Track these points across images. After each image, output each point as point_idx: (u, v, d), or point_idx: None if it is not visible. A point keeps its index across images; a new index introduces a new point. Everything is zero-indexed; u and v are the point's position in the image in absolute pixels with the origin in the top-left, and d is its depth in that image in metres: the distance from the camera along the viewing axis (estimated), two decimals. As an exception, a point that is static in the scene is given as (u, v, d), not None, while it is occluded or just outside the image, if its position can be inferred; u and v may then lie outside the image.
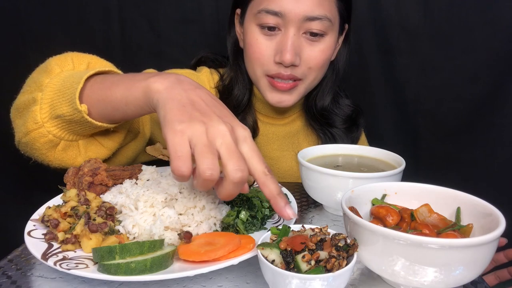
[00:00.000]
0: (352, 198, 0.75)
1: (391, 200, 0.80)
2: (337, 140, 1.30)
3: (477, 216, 0.71)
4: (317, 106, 1.29)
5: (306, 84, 1.19)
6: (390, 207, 0.75)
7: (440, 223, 0.73)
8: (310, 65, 1.15)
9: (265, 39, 1.13)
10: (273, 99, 1.18)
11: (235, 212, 0.85)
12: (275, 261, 0.64)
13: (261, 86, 1.19)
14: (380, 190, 0.81)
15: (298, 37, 1.11)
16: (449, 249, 0.59)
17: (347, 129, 1.32)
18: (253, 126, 1.29)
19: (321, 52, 1.14)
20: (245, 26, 1.18)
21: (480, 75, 1.54)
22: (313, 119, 1.31)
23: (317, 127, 1.31)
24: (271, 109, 1.30)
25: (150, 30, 1.59)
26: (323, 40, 1.14)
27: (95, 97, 0.83)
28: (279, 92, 1.17)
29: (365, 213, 0.77)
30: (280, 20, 1.09)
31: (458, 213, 0.74)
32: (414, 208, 0.76)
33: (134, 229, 0.80)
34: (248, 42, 1.16)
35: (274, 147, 1.33)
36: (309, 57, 1.13)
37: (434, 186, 0.79)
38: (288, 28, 1.09)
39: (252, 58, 1.16)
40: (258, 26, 1.13)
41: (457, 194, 0.75)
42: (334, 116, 1.31)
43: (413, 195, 0.79)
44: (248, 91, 1.27)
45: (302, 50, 1.12)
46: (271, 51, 1.13)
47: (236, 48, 1.28)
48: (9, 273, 0.75)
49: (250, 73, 1.22)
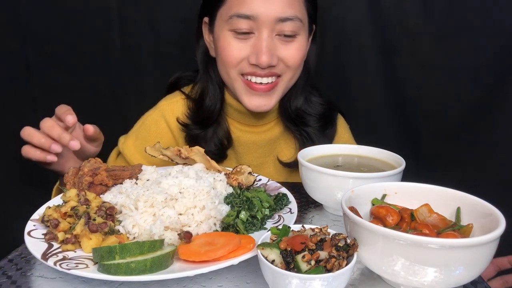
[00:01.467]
0: (352, 198, 0.75)
1: (391, 200, 0.80)
2: (313, 139, 1.30)
3: (477, 216, 0.71)
4: (291, 107, 1.29)
5: (285, 82, 1.19)
6: (390, 207, 0.75)
7: (440, 223, 0.73)
8: (289, 64, 1.15)
9: (238, 42, 1.13)
10: (251, 104, 1.17)
11: (235, 212, 0.85)
12: (275, 261, 0.64)
13: (237, 89, 1.18)
14: (380, 190, 0.80)
15: (272, 38, 1.11)
16: (449, 249, 0.59)
17: (322, 127, 1.31)
18: (225, 136, 1.29)
19: (296, 50, 1.15)
20: (216, 32, 1.17)
21: (480, 75, 1.53)
22: (289, 121, 1.31)
23: (294, 128, 1.31)
24: (248, 117, 1.29)
25: (150, 30, 1.59)
26: (296, 40, 1.15)
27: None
28: (257, 95, 1.16)
29: (365, 213, 0.77)
30: (253, 24, 1.10)
31: (458, 213, 0.74)
32: (414, 208, 0.76)
33: (134, 229, 0.80)
34: (221, 46, 1.15)
35: (256, 155, 1.33)
36: (286, 56, 1.14)
37: (434, 186, 0.79)
38: (261, 31, 1.10)
39: (226, 61, 1.15)
40: (231, 31, 1.13)
41: (457, 194, 0.75)
42: (307, 116, 1.30)
43: (413, 195, 0.79)
44: (219, 101, 1.26)
45: (277, 50, 1.13)
46: (245, 53, 1.13)
47: (206, 57, 1.27)
48: (9, 273, 0.75)
49: (225, 78, 1.21)
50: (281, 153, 1.34)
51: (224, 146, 1.29)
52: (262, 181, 1.07)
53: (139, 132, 1.31)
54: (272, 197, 0.93)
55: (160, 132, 1.30)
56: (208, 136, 1.27)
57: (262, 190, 0.94)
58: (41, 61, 1.59)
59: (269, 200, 0.90)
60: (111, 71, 1.62)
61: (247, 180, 1.00)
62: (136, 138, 1.30)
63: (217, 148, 1.27)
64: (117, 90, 1.65)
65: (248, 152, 1.33)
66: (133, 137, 1.30)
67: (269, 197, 0.92)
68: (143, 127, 1.31)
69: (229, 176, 1.00)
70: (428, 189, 0.79)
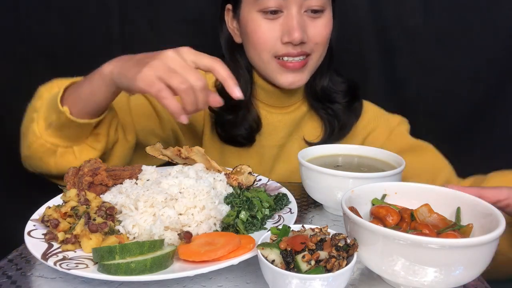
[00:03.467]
0: (352, 198, 0.75)
1: (391, 200, 0.80)
2: (340, 115, 1.30)
3: (477, 216, 0.71)
4: (317, 86, 1.30)
5: (315, 60, 1.20)
6: (390, 207, 0.75)
7: (440, 223, 0.73)
8: (317, 41, 1.17)
9: (268, 23, 1.14)
10: (286, 81, 1.19)
11: (235, 212, 0.85)
12: (275, 261, 0.64)
13: (270, 71, 1.20)
14: (380, 190, 0.80)
15: (301, 15, 1.13)
16: (449, 249, 0.59)
17: (348, 103, 1.32)
18: (255, 120, 1.29)
19: (324, 27, 1.17)
20: (243, 16, 1.18)
21: (480, 75, 1.53)
22: (315, 100, 1.31)
23: (320, 107, 1.31)
24: (276, 98, 1.29)
25: (150, 30, 1.59)
26: (323, 16, 1.16)
27: (72, 100, 0.97)
28: (291, 72, 1.18)
29: (365, 213, 0.77)
30: (282, 2, 1.11)
31: (458, 213, 0.74)
32: (414, 208, 0.76)
33: (134, 229, 0.80)
34: (251, 30, 1.16)
35: (282, 135, 1.33)
36: (315, 33, 1.16)
37: (434, 186, 0.79)
38: (291, 8, 1.11)
39: (257, 43, 1.17)
40: (260, 12, 1.14)
41: (457, 194, 0.75)
42: (333, 93, 1.31)
43: (413, 195, 0.79)
44: (249, 83, 1.27)
45: (307, 27, 1.14)
46: (276, 33, 1.14)
47: (230, 44, 1.28)
48: (9, 273, 0.75)
49: (256, 61, 1.22)
50: (307, 133, 1.35)
51: (253, 129, 1.29)
52: (262, 181, 1.07)
53: None
54: (272, 197, 0.93)
55: None
56: (238, 121, 1.27)
57: (262, 190, 0.94)
58: (41, 61, 1.59)
59: (269, 200, 0.90)
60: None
61: (247, 180, 1.00)
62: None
63: (247, 132, 1.28)
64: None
65: (274, 132, 1.33)
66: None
67: (269, 197, 0.92)
68: None
69: (229, 176, 1.00)
70: (428, 189, 0.79)
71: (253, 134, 1.30)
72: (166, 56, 0.82)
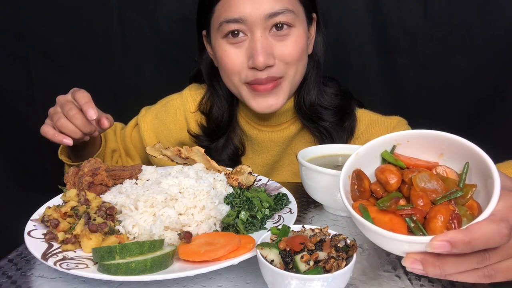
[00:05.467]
0: (357, 159, 0.72)
1: (402, 150, 0.74)
2: (332, 133, 1.26)
3: (484, 176, 0.65)
4: (305, 102, 1.25)
5: (289, 80, 1.16)
6: (392, 169, 0.70)
7: (440, 188, 0.67)
8: (287, 61, 1.13)
9: (233, 47, 1.12)
10: (260, 106, 1.16)
11: (235, 212, 0.85)
12: (274, 261, 0.64)
13: (243, 95, 1.17)
14: (391, 141, 0.74)
15: (266, 37, 1.09)
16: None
17: (339, 120, 1.27)
18: (238, 146, 1.29)
19: (293, 45, 1.12)
20: (213, 43, 1.17)
21: (480, 75, 1.53)
22: (305, 118, 1.27)
23: (311, 125, 1.28)
24: (264, 118, 1.27)
25: (150, 30, 1.59)
26: (292, 33, 1.12)
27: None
28: (264, 96, 1.14)
29: (372, 172, 0.73)
30: (243, 26, 1.08)
31: (465, 170, 0.68)
32: (425, 159, 0.72)
33: (134, 229, 0.80)
34: (219, 56, 1.15)
35: (273, 153, 1.33)
36: (283, 52, 1.11)
37: (448, 134, 0.71)
38: (254, 31, 1.08)
39: (226, 69, 1.15)
40: (224, 38, 1.12)
41: (470, 147, 0.68)
42: (323, 110, 1.26)
43: (425, 143, 0.73)
44: (227, 111, 1.26)
45: (274, 48, 1.10)
46: (242, 58, 1.11)
47: (211, 69, 1.27)
48: (9, 273, 0.75)
49: (230, 86, 1.20)
50: (300, 149, 1.33)
51: (237, 155, 1.29)
52: (262, 181, 1.07)
53: (159, 112, 1.34)
54: (272, 197, 0.93)
55: (176, 119, 1.33)
56: (219, 147, 1.27)
57: (262, 190, 0.94)
58: (41, 61, 1.59)
59: (269, 200, 0.90)
60: (111, 71, 1.62)
61: (247, 180, 1.00)
62: (155, 117, 1.34)
63: (230, 158, 1.28)
64: (117, 90, 1.65)
65: (266, 150, 1.32)
66: (153, 114, 1.34)
67: (269, 197, 0.92)
68: (164, 109, 1.34)
69: (229, 176, 1.00)
70: (442, 138, 0.71)
71: (238, 159, 1.30)
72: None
